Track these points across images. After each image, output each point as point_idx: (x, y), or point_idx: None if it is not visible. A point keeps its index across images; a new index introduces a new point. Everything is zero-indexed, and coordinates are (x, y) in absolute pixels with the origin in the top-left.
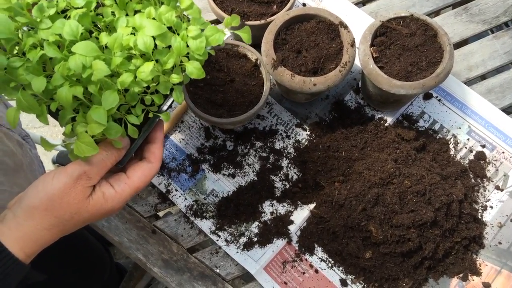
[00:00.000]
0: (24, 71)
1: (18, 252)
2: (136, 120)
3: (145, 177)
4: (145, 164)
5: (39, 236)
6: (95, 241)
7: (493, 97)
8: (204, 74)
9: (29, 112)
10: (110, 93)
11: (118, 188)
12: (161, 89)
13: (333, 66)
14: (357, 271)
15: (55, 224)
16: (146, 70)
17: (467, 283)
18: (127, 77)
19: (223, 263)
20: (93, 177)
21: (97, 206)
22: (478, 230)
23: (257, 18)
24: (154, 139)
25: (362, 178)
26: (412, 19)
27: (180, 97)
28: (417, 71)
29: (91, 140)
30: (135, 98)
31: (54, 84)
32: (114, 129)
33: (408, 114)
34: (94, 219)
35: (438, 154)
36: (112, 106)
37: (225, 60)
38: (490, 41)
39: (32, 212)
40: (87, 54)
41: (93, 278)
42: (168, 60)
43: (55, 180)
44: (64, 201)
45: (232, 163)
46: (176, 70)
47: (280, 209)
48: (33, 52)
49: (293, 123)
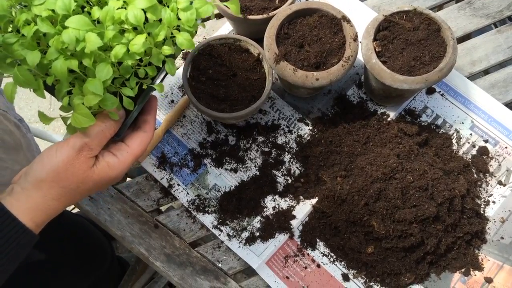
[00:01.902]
0: (19, 47)
1: (28, 222)
2: (131, 93)
3: (143, 144)
4: (142, 133)
5: (47, 206)
6: (94, 230)
7: (496, 92)
8: (194, 46)
9: (26, 87)
10: (104, 66)
11: (120, 156)
12: (154, 61)
13: (335, 60)
14: (359, 265)
15: (63, 194)
16: (138, 42)
17: (469, 278)
18: (120, 49)
19: (225, 258)
20: (94, 148)
21: (101, 175)
22: (481, 225)
23: (259, 12)
24: (149, 110)
25: (364, 173)
26: (415, 13)
27: (173, 69)
28: (420, 66)
29: (87, 111)
30: (128, 71)
31: (49, 58)
32: (110, 100)
33: (410, 108)
34: (99, 188)
35: (440, 149)
36: (107, 78)
37: (227, 54)
38: (493, 35)
39: (39, 185)
40: (80, 27)
41: (93, 265)
42: (159, 32)
43: (58, 153)
44: (69, 172)
45: (234, 158)
46: (167, 43)
47: (282, 203)
48: (27, 28)
49: (295, 117)
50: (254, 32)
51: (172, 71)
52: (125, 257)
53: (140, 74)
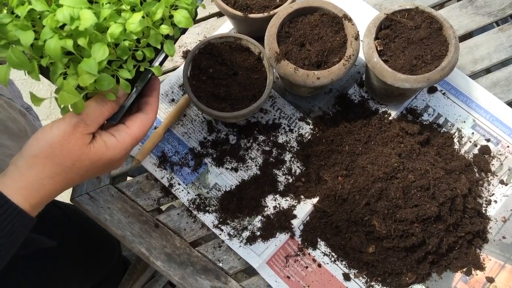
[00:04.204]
0: (13, 28)
1: (22, 203)
2: (128, 75)
3: (144, 127)
4: (142, 115)
5: (41, 185)
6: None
7: (498, 91)
8: (192, 24)
9: (20, 69)
10: (100, 46)
11: (119, 137)
12: (151, 41)
13: (337, 59)
14: (360, 265)
15: (57, 172)
16: (135, 21)
17: (470, 278)
18: (116, 28)
19: (226, 257)
20: (90, 124)
21: (98, 154)
22: (482, 225)
23: (260, 10)
24: (151, 91)
25: (365, 172)
26: (417, 12)
27: (172, 49)
28: (422, 65)
29: (72, 88)
30: (126, 52)
31: (43, 38)
32: (106, 80)
33: (412, 107)
34: (96, 170)
35: (442, 148)
36: (103, 59)
37: (228, 53)
38: (495, 34)
39: (33, 161)
40: (75, 5)
41: (101, 261)
42: (156, 10)
43: (54, 128)
44: (64, 147)
45: (235, 157)
46: (166, 22)
47: (283, 203)
48: (21, 8)
49: (296, 117)
50: (255, 30)
51: (170, 51)
52: (125, 255)
53: (137, 56)
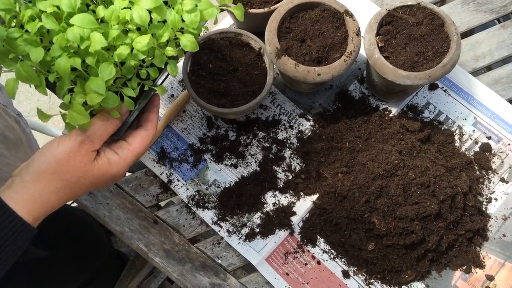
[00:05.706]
0: (23, 42)
1: (26, 215)
2: (132, 93)
3: (144, 143)
4: (143, 131)
5: (46, 199)
6: (92, 222)
7: (500, 88)
8: (197, 48)
9: (28, 82)
10: (107, 65)
11: (121, 154)
12: (156, 62)
13: (337, 55)
14: (359, 262)
15: (62, 187)
16: (143, 41)
17: (470, 276)
18: (124, 50)
19: (225, 254)
20: (95, 141)
21: (102, 170)
22: (482, 223)
23: (260, 6)
24: (152, 107)
25: (365, 169)
26: (419, 8)
27: (175, 70)
28: (423, 61)
29: (82, 109)
30: (131, 71)
31: (52, 55)
32: (112, 98)
33: (413, 104)
34: (99, 184)
35: (443, 146)
36: (109, 78)
37: (228, 49)
38: (497, 30)
39: (39, 176)
40: (85, 26)
41: (90, 257)
42: (163, 33)
43: (60, 145)
44: (70, 164)
45: (234, 154)
46: (171, 44)
47: (282, 200)
48: (32, 24)
49: (296, 113)
50: (255, 26)
51: (174, 72)
52: (124, 251)
53: (142, 75)
